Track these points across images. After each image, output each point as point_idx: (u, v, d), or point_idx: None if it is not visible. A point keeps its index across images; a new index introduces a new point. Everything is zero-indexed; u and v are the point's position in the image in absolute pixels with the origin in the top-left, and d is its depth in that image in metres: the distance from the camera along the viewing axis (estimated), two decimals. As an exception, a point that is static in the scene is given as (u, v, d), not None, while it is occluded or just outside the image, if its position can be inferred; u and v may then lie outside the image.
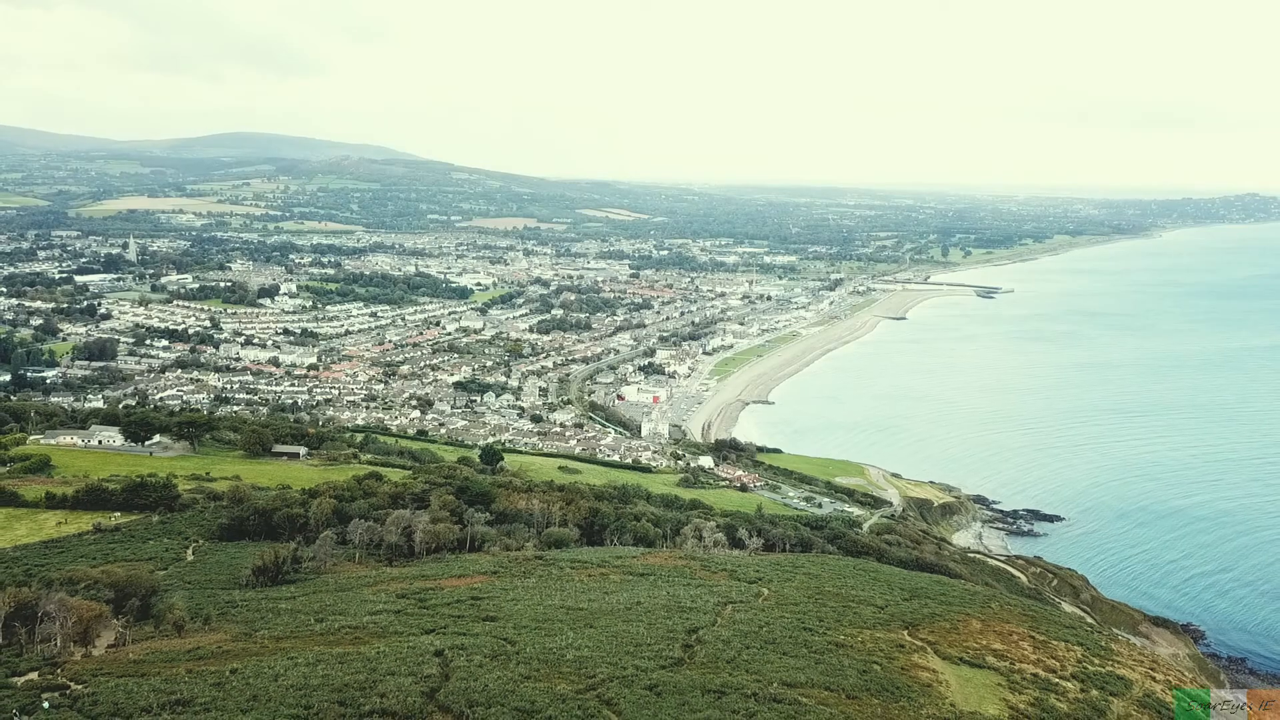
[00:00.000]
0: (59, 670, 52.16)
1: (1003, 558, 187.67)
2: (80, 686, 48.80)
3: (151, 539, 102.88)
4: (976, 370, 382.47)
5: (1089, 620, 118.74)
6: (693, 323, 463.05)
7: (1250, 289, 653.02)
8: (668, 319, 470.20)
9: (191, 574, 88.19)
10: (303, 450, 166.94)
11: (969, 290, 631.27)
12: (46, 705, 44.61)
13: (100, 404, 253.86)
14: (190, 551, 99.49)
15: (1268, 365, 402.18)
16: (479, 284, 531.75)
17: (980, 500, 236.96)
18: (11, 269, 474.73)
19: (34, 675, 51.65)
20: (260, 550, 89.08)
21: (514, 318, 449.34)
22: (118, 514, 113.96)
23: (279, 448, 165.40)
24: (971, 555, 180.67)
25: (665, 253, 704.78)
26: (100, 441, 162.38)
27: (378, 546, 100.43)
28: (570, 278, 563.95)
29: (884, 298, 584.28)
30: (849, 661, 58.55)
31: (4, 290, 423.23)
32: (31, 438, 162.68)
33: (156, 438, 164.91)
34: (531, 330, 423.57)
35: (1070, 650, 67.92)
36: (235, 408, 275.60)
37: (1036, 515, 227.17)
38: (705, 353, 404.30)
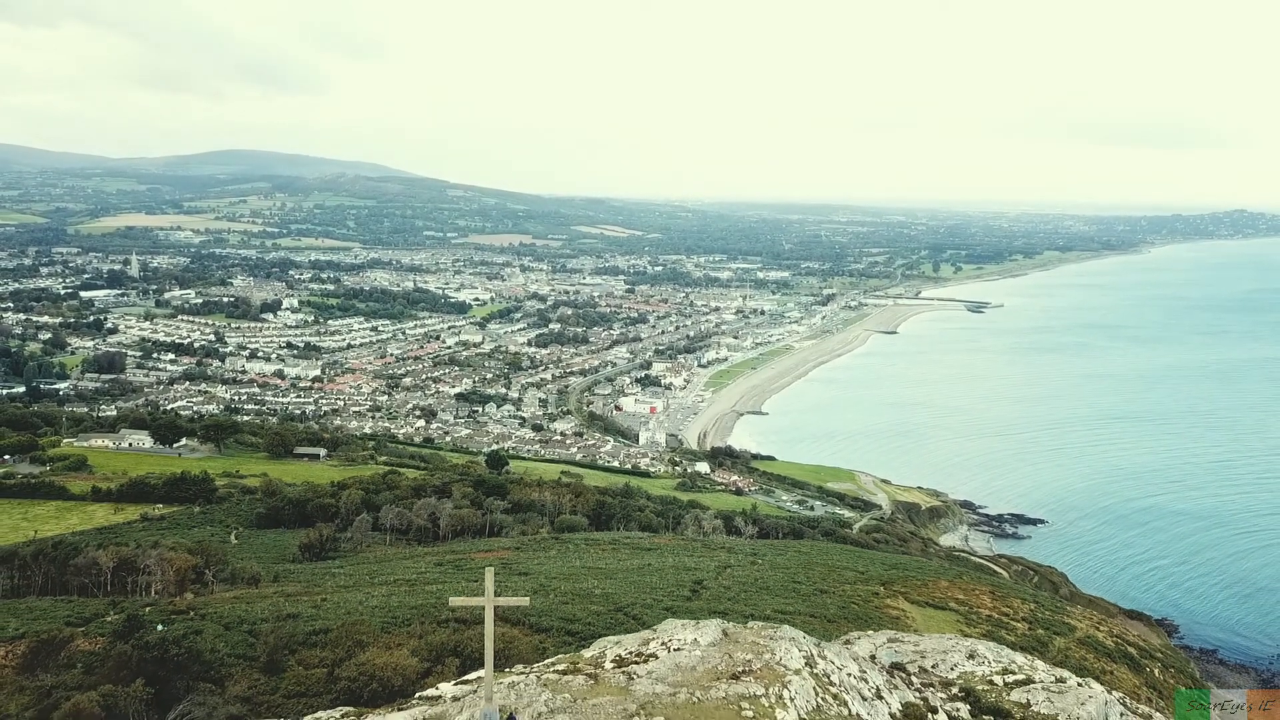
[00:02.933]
0: (173, 603, 61.26)
1: (986, 557, 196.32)
2: (194, 611, 57.93)
3: (195, 526, 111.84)
4: (964, 381, 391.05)
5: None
6: (688, 336, 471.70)
7: (1253, 303, 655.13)
8: (663, 333, 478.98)
9: (240, 554, 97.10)
10: (322, 452, 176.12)
11: (959, 305, 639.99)
12: (160, 628, 53.44)
13: (114, 414, 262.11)
14: (233, 536, 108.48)
15: (1253, 374, 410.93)
16: (477, 299, 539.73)
17: (967, 505, 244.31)
18: (16, 285, 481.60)
19: (152, 608, 60.56)
20: (305, 531, 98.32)
21: (512, 332, 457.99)
22: (159, 506, 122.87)
23: (300, 449, 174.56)
24: (956, 554, 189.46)
25: (660, 268, 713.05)
26: (130, 444, 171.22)
27: (405, 531, 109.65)
28: (567, 293, 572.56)
29: (875, 312, 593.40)
30: (831, 601, 68.54)
31: (11, 305, 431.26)
32: (65, 440, 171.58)
33: (183, 440, 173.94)
34: (530, 344, 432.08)
35: (1025, 604, 77.53)
36: (245, 417, 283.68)
37: (1021, 519, 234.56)
38: (700, 365, 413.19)
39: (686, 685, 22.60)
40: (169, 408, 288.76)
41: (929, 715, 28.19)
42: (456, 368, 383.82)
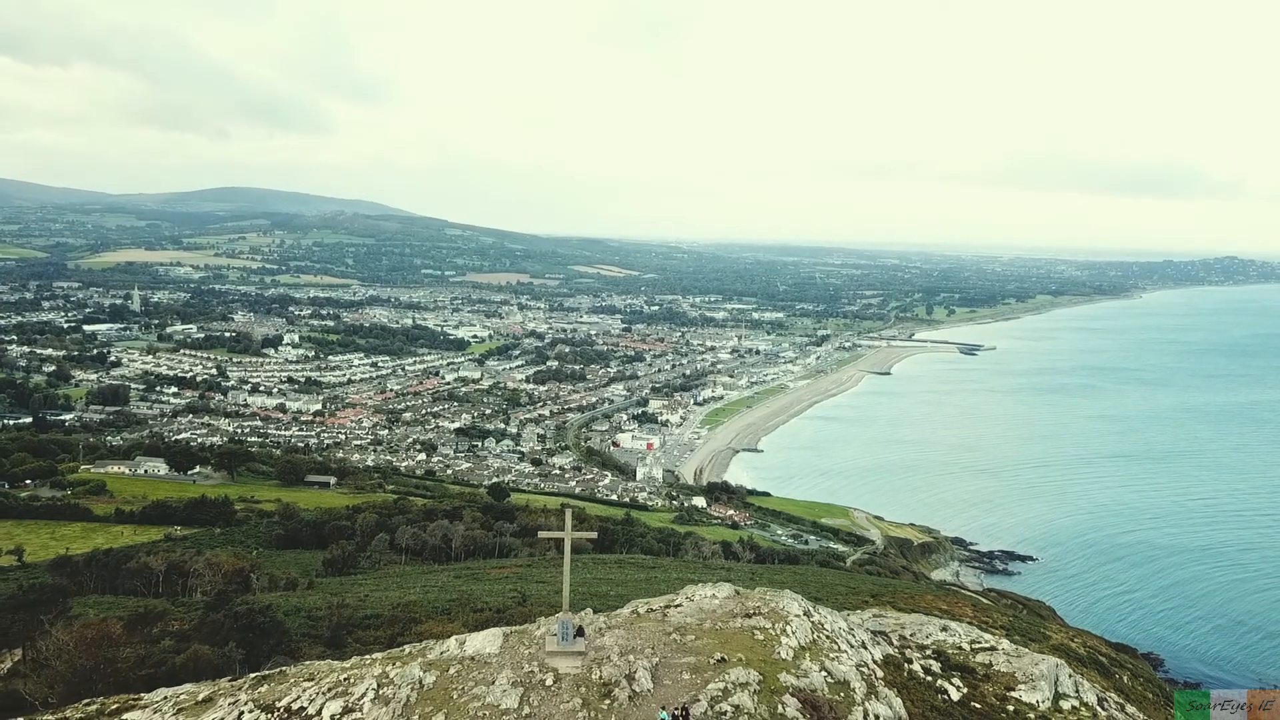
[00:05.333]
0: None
1: (976, 591, 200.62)
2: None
3: (217, 546, 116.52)
4: (956, 421, 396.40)
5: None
6: (684, 375, 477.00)
7: (1248, 348, 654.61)
8: (660, 371, 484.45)
9: (267, 569, 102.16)
10: (332, 480, 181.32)
11: (952, 347, 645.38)
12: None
13: (121, 444, 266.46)
14: (254, 555, 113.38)
15: (1241, 416, 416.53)
16: (475, 336, 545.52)
17: (958, 541, 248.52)
18: (20, 318, 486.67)
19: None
20: (329, 548, 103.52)
21: (510, 368, 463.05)
22: (179, 527, 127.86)
23: (311, 477, 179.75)
24: (946, 587, 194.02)
25: (656, 308, 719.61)
26: (146, 470, 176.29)
27: (419, 551, 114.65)
28: (564, 331, 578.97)
29: (869, 353, 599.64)
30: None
31: (15, 338, 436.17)
32: (82, 467, 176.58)
33: (197, 468, 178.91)
34: (528, 380, 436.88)
35: (1004, 615, 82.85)
36: (250, 449, 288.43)
37: (1011, 555, 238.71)
38: (696, 403, 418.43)
39: (710, 619, 28.39)
40: (174, 439, 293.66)
41: (905, 665, 33.88)
42: (456, 403, 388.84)
